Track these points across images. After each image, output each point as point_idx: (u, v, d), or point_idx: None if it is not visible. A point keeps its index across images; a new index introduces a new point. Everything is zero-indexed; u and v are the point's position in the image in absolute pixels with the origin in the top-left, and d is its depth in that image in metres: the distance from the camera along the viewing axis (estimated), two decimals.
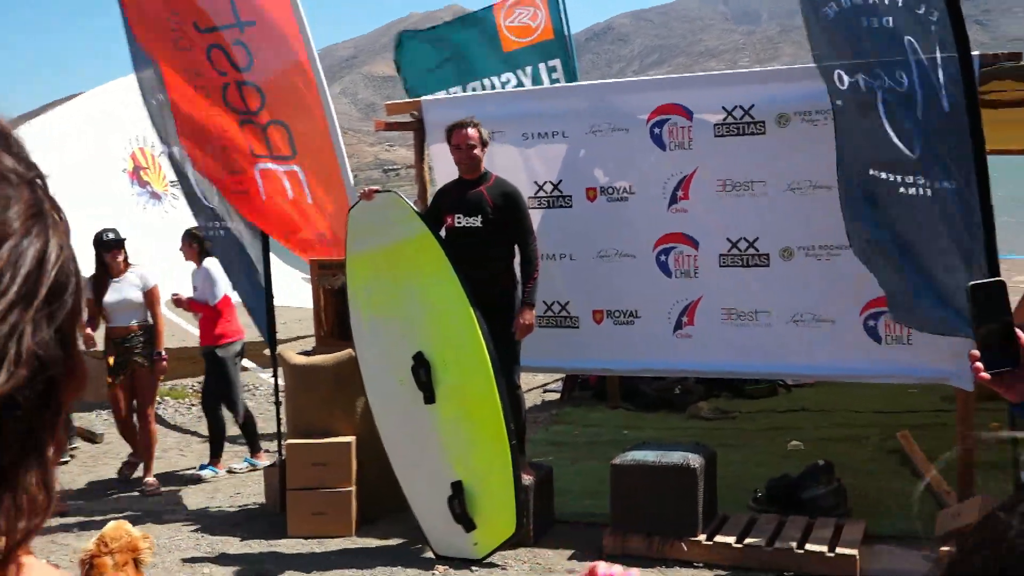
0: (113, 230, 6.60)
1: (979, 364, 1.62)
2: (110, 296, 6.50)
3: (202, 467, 6.99)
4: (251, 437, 7.14)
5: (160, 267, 8.41)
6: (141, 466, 6.85)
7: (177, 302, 6.91)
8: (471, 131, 5.21)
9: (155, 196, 10.26)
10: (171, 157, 6.55)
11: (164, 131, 6.45)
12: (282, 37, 5.96)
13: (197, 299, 6.78)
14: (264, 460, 7.02)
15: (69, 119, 10.93)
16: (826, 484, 5.28)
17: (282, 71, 5.99)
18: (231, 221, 6.38)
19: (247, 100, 5.97)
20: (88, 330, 6.50)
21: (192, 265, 6.97)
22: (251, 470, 6.98)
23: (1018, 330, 1.60)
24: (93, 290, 6.44)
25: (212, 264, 6.73)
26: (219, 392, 6.87)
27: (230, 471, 6.98)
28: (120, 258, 6.55)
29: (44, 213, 0.68)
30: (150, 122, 6.56)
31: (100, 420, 8.50)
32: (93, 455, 7.68)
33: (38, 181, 0.70)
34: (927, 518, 4.95)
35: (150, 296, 6.60)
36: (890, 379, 5.52)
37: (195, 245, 6.81)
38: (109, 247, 6.52)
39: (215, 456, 7.01)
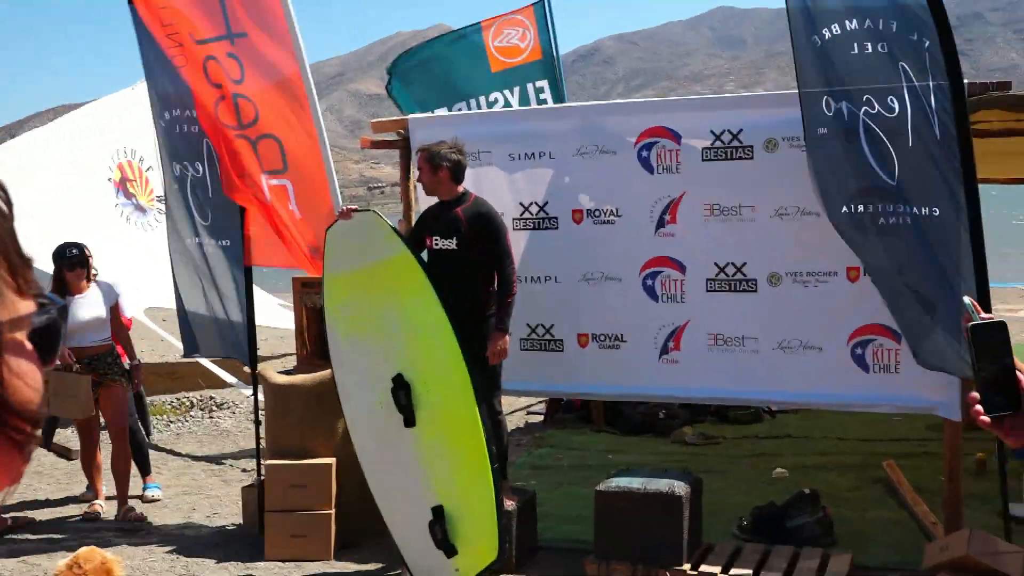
0: (77, 245, 6.14)
1: (979, 407, 1.57)
2: (75, 315, 6.02)
3: (146, 488, 6.83)
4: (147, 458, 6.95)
5: (137, 278, 8.32)
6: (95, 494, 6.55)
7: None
8: (419, 157, 5.23)
9: (140, 209, 10.17)
10: (172, 172, 6.43)
11: (171, 148, 6.36)
12: (275, 49, 5.90)
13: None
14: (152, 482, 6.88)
15: (60, 128, 10.90)
16: (812, 513, 5.23)
17: (275, 84, 5.91)
18: (216, 239, 6.30)
19: (241, 113, 5.89)
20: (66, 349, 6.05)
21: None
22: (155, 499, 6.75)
23: (1019, 373, 1.56)
24: None
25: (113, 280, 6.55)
26: (135, 409, 6.77)
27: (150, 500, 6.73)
28: (83, 276, 6.17)
29: None
30: (155, 138, 6.48)
31: (76, 436, 8.35)
32: (68, 472, 7.54)
33: None
34: (914, 550, 4.91)
35: (115, 309, 6.33)
36: (877, 408, 5.48)
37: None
38: (72, 264, 6.09)
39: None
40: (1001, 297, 15.48)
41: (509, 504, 5.04)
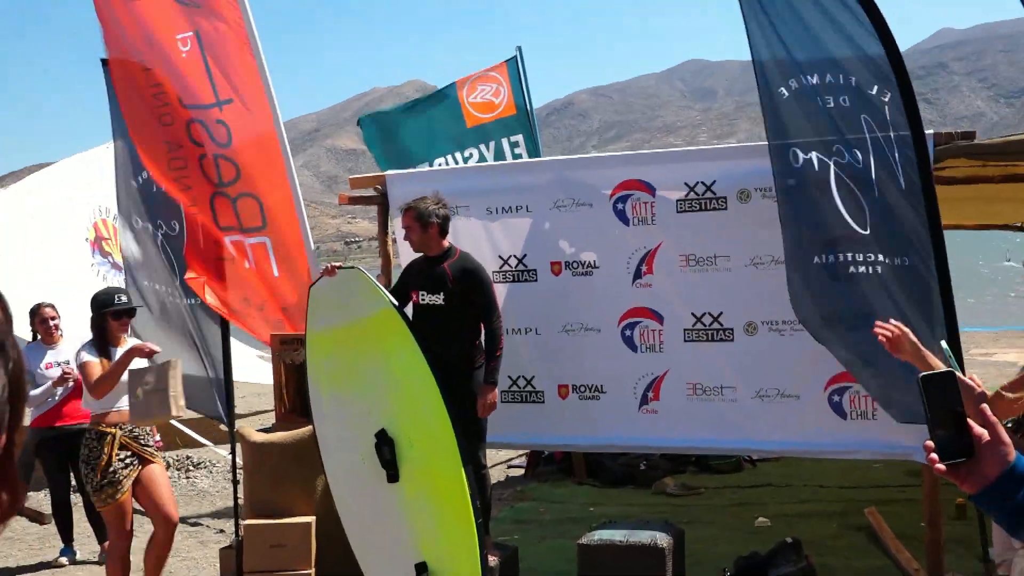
0: (124, 291, 5.35)
1: (934, 455, 1.61)
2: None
3: (63, 552, 6.73)
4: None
5: None
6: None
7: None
8: (406, 215, 5.24)
9: (116, 267, 10.14)
10: (142, 230, 6.41)
11: (148, 207, 6.37)
12: (254, 110, 5.97)
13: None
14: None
15: (34, 186, 10.88)
16: (795, 562, 5.21)
17: (254, 142, 5.98)
18: (187, 297, 6.28)
19: (222, 172, 5.94)
20: (150, 345, 5.17)
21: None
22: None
23: (970, 420, 1.60)
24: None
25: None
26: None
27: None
28: (127, 328, 5.33)
29: None
30: (121, 197, 6.48)
31: (48, 500, 8.20)
32: (40, 536, 7.40)
33: None
34: None
35: None
36: (856, 455, 5.50)
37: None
38: (119, 313, 5.20)
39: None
40: (975, 341, 15.67)
41: (492, 560, 5.00)
